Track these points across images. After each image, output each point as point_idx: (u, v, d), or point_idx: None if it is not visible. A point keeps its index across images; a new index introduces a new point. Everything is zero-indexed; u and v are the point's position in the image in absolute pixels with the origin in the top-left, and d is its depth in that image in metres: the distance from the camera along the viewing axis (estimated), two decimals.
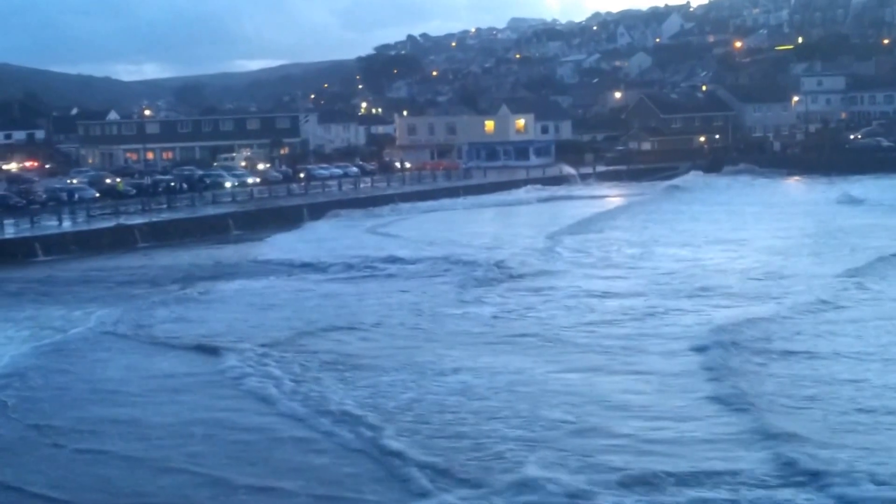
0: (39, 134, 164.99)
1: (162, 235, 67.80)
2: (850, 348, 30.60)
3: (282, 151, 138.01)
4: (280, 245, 62.61)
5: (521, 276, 46.46)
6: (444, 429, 24.28)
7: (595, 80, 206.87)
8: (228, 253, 60.86)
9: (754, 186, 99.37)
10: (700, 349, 30.85)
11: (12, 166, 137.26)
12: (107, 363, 32.57)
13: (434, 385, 28.18)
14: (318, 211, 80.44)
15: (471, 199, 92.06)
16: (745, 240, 57.81)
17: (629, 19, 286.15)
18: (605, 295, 41.11)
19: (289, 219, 76.29)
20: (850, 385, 26.58)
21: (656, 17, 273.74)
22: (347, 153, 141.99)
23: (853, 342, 31.45)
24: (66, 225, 69.12)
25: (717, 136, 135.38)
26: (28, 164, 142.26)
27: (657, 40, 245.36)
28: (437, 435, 23.73)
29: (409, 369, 29.87)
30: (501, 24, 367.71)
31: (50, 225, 68.77)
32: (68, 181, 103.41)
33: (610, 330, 34.37)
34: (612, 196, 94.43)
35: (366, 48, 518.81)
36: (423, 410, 25.78)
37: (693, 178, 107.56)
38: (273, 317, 38.89)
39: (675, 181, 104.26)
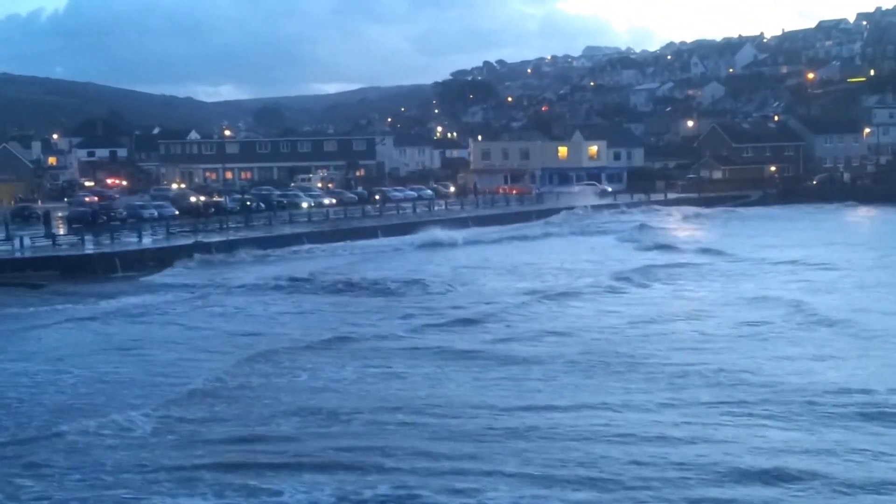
0: (122, 152, 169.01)
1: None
2: None
3: (358, 173, 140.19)
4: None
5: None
6: None
7: (668, 109, 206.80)
8: (302, 266, 62.58)
9: (823, 216, 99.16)
10: None
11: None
12: None
13: None
14: (392, 232, 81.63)
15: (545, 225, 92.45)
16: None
17: (703, 49, 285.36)
18: None
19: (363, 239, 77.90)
20: None
21: (730, 47, 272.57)
22: (422, 176, 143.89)
23: None
24: (146, 241, 70.83)
25: (788, 166, 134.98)
26: (110, 181, 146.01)
27: (730, 70, 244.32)
28: None
29: None
30: (573, 53, 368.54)
31: (130, 241, 70.45)
32: (149, 199, 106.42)
33: None
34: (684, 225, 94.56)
35: (440, 73, 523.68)
36: None
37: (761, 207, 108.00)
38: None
39: (746, 209, 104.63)
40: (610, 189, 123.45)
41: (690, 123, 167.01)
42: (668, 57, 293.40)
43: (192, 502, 20.90)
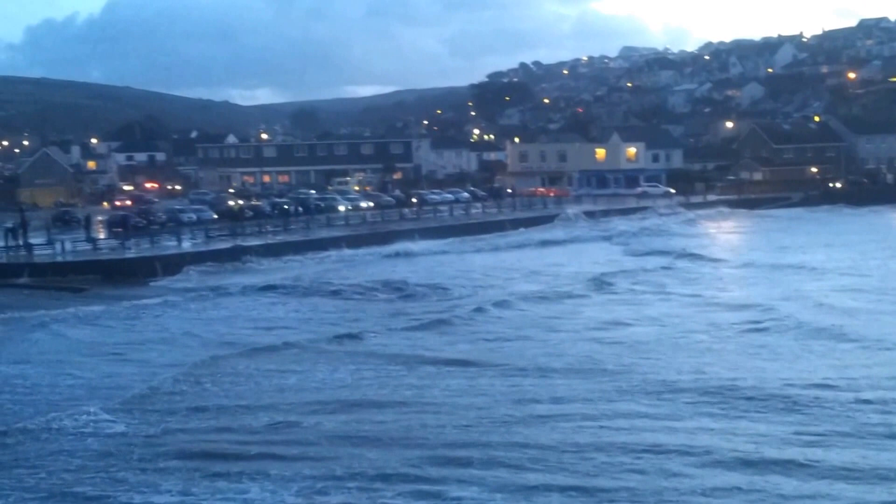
0: (160, 156, 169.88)
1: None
2: None
3: (395, 176, 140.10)
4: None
5: None
6: None
7: (707, 110, 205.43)
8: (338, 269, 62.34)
9: (870, 219, 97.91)
10: None
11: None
12: None
13: None
14: (429, 235, 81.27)
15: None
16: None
17: (741, 49, 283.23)
18: None
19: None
20: None
21: (769, 47, 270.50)
22: (459, 179, 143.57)
23: None
24: (186, 245, 70.99)
25: (829, 167, 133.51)
26: (148, 185, 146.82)
27: (769, 70, 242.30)
28: None
29: None
30: (608, 53, 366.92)
31: (169, 245, 70.57)
32: (187, 202, 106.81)
33: None
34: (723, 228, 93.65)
35: (475, 75, 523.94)
36: None
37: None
38: None
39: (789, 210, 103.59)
40: (673, 190, 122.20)
41: (730, 124, 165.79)
42: (707, 57, 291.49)
43: (159, 498, 20.67)
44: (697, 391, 27.65)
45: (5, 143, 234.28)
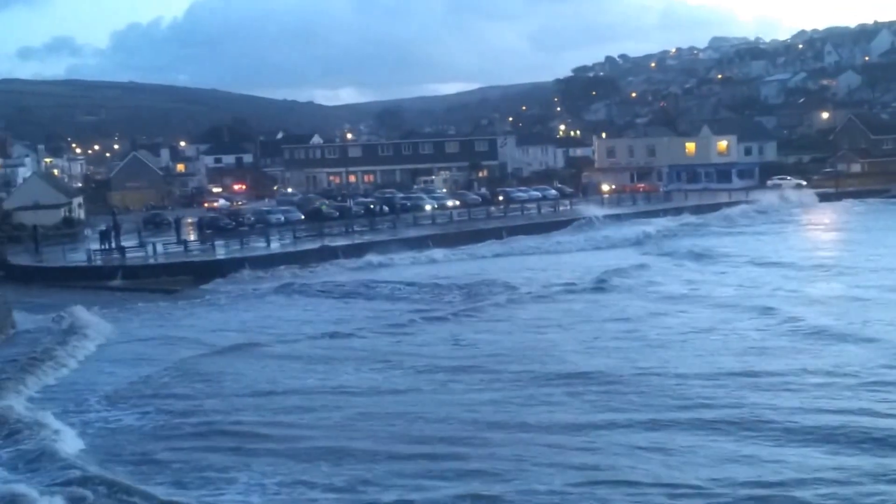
0: (247, 158, 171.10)
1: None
2: None
3: (480, 174, 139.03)
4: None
5: None
6: None
7: (801, 100, 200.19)
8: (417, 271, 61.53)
9: None
10: None
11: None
12: None
13: None
14: (516, 233, 79.96)
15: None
16: None
17: (836, 37, 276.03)
18: None
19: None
20: None
21: (865, 34, 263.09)
22: (546, 176, 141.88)
23: None
24: (274, 246, 71.16)
25: None
26: (236, 187, 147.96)
27: (866, 58, 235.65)
28: None
29: None
30: (696, 44, 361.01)
31: (258, 246, 70.92)
32: (275, 204, 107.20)
33: None
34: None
35: (558, 70, 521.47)
36: None
37: None
38: None
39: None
40: (804, 182, 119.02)
41: (825, 115, 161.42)
42: (800, 46, 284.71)
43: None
44: None
45: (97, 147, 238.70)
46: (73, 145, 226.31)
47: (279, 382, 31.22)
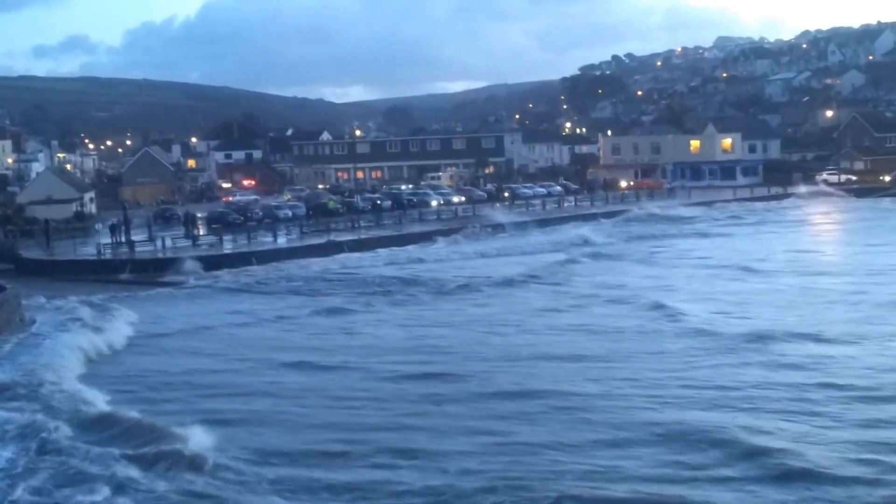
0: (257, 154, 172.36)
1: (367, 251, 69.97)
2: None
3: (487, 171, 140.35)
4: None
5: None
6: None
7: (805, 99, 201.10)
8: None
9: None
10: None
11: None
12: None
13: None
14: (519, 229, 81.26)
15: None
16: None
17: (840, 37, 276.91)
18: None
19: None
20: None
21: (869, 34, 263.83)
22: (551, 172, 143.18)
23: None
24: (281, 241, 72.14)
25: None
26: (246, 182, 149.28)
27: (870, 58, 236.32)
28: None
29: None
30: (701, 44, 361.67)
31: (265, 241, 71.87)
32: (283, 198, 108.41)
33: None
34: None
35: (565, 68, 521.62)
36: None
37: None
38: None
39: None
40: (842, 179, 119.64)
41: (829, 113, 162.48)
42: (804, 45, 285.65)
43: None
44: None
45: (109, 142, 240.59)
46: (87, 141, 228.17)
47: None
